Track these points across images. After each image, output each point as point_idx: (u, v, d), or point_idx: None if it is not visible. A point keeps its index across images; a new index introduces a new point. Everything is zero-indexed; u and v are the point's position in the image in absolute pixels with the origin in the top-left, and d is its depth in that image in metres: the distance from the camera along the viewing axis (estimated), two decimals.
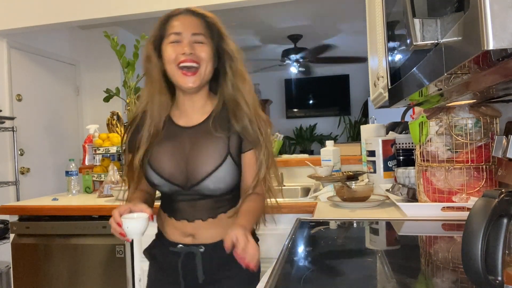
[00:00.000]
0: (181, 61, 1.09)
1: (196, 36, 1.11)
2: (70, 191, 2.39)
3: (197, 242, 1.17)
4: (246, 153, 1.16)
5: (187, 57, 1.08)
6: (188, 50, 1.08)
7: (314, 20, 4.54)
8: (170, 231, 1.20)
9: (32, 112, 3.56)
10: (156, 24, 1.15)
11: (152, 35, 1.16)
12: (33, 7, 2.96)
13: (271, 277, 0.79)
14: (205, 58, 1.11)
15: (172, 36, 1.10)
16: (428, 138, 1.30)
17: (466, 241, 0.51)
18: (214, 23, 1.15)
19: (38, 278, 2.01)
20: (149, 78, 1.17)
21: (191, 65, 1.09)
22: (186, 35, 1.10)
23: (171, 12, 1.15)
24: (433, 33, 0.61)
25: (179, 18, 1.12)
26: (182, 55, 1.08)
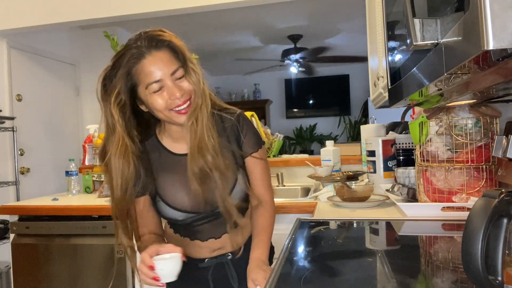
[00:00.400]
0: (176, 106, 1.03)
1: (175, 74, 1.02)
2: (70, 191, 2.39)
3: (224, 251, 1.20)
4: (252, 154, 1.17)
5: (180, 100, 1.02)
6: (179, 93, 1.01)
7: (314, 20, 4.55)
8: (195, 251, 1.19)
9: (32, 112, 3.56)
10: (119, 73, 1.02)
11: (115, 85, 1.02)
12: (33, 7, 2.96)
13: (271, 277, 0.79)
14: (192, 88, 1.05)
15: (153, 86, 1.01)
16: (428, 138, 1.30)
17: (466, 241, 0.51)
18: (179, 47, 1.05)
19: (38, 278, 2.01)
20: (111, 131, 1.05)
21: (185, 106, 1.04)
22: (166, 78, 1.01)
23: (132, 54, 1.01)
24: (433, 33, 0.61)
25: (148, 60, 1.00)
26: (173, 101, 1.02)
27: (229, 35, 4.90)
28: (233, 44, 5.31)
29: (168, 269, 0.97)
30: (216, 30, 4.62)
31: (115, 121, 1.03)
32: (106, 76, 1.05)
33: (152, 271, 0.96)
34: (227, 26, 4.53)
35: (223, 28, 4.58)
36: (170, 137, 1.15)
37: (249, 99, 7.20)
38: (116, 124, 1.03)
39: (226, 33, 4.80)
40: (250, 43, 5.31)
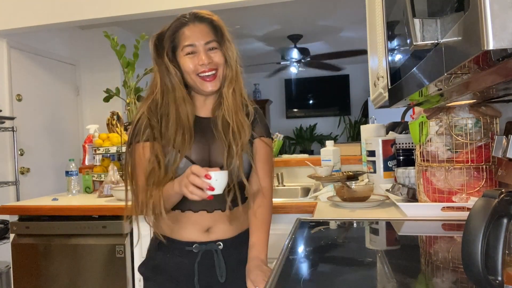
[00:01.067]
0: (201, 71, 1.15)
1: (209, 44, 1.16)
2: (70, 191, 2.39)
3: (214, 238, 1.17)
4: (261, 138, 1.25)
5: (206, 67, 1.15)
6: (206, 60, 1.15)
7: (314, 20, 4.54)
8: (185, 229, 1.17)
9: (32, 112, 3.56)
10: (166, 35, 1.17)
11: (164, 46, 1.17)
12: (33, 7, 2.96)
13: (271, 277, 0.79)
14: (221, 62, 1.18)
15: (187, 49, 1.15)
16: (428, 138, 1.30)
17: (466, 241, 0.51)
18: (220, 26, 1.20)
19: (38, 278, 2.01)
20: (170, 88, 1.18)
21: (210, 74, 1.16)
22: (200, 45, 1.15)
23: (179, 21, 1.18)
24: (433, 33, 0.61)
25: (189, 27, 1.16)
26: (201, 66, 1.15)
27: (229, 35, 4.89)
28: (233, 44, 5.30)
29: (221, 180, 1.02)
30: None
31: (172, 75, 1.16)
32: (157, 39, 1.19)
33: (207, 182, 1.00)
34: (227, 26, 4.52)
35: None
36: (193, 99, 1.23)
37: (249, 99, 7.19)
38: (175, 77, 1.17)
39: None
40: (250, 42, 5.31)
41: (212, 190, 1.01)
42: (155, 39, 1.20)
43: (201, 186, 1.00)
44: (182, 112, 1.16)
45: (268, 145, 1.27)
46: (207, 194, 1.01)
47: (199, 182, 1.00)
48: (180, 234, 1.18)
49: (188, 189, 1.01)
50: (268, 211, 1.23)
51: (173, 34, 1.17)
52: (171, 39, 1.17)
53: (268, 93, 7.27)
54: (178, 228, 1.18)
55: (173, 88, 1.17)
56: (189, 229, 1.17)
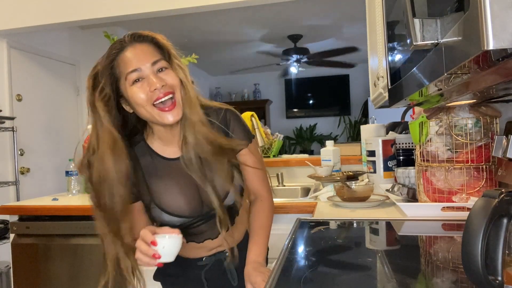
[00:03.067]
0: (156, 98, 0.97)
1: (156, 65, 0.98)
2: (70, 191, 2.39)
3: (222, 249, 1.18)
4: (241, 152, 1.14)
5: (160, 92, 0.96)
6: (159, 83, 0.96)
7: (314, 20, 4.55)
8: (191, 252, 1.18)
9: (32, 112, 3.56)
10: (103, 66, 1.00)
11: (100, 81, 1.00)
12: (33, 7, 2.96)
13: (271, 277, 0.79)
14: (176, 83, 1.00)
15: (132, 75, 0.97)
16: (428, 138, 1.30)
17: (466, 241, 0.51)
18: (164, 44, 1.03)
19: (38, 278, 2.01)
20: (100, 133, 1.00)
21: (168, 98, 0.98)
22: (146, 68, 0.97)
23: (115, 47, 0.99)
24: (433, 33, 0.61)
25: (127, 51, 0.98)
26: (154, 92, 0.96)
27: (229, 35, 4.90)
28: (233, 44, 5.31)
29: (169, 247, 0.93)
30: (216, 30, 4.62)
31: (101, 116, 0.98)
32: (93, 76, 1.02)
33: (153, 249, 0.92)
34: (227, 26, 4.53)
35: (223, 28, 4.58)
36: (159, 140, 1.09)
37: (249, 99, 7.21)
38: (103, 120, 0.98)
39: (226, 33, 4.80)
40: (250, 42, 5.31)
41: (158, 258, 0.93)
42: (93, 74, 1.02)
43: (146, 254, 0.92)
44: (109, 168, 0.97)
45: (254, 149, 1.15)
46: (155, 262, 0.93)
47: (144, 249, 0.92)
48: (188, 255, 1.18)
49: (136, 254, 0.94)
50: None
51: (110, 63, 0.98)
52: (108, 71, 0.99)
53: (268, 93, 7.27)
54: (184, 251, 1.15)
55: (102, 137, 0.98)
56: (196, 251, 1.18)
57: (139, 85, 0.97)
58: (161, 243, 0.92)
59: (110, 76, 0.99)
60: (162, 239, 0.93)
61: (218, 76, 7.38)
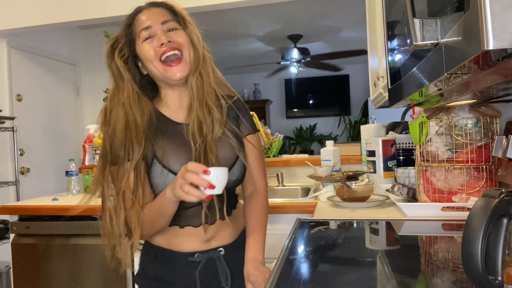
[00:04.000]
0: (162, 52, 1.01)
1: (167, 24, 1.04)
2: (70, 191, 2.39)
3: (215, 245, 1.11)
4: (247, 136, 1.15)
5: (166, 46, 1.01)
6: (165, 39, 1.01)
7: (314, 20, 4.54)
8: (185, 241, 1.09)
9: (32, 112, 3.56)
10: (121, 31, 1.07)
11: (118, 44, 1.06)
12: (33, 7, 2.96)
13: (271, 277, 0.79)
14: (185, 42, 1.04)
15: (143, 33, 1.03)
16: (428, 138, 1.30)
17: (466, 241, 0.51)
18: (179, 10, 1.08)
19: (38, 278, 2.01)
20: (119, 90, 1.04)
21: (173, 53, 1.02)
22: (156, 26, 1.03)
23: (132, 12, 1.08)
24: (433, 33, 0.61)
25: (143, 12, 1.05)
26: (160, 46, 1.01)
27: (229, 35, 4.90)
28: (233, 44, 5.31)
29: (221, 178, 0.90)
30: (216, 30, 4.62)
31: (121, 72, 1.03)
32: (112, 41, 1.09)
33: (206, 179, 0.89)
34: (227, 26, 4.53)
35: (223, 28, 4.58)
36: (167, 106, 1.11)
37: (249, 99, 7.21)
38: (124, 75, 1.03)
39: (226, 33, 4.79)
40: (250, 42, 5.31)
41: (212, 188, 0.89)
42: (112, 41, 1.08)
43: (200, 184, 0.89)
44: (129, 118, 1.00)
45: (257, 142, 1.17)
46: (206, 194, 0.90)
47: (197, 180, 0.89)
48: (180, 247, 1.09)
49: (183, 189, 0.90)
50: (265, 212, 1.18)
51: (128, 27, 1.06)
52: (126, 32, 1.06)
53: (268, 93, 7.27)
54: (177, 242, 1.09)
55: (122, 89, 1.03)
56: (190, 241, 1.09)
57: (149, 41, 1.03)
58: (214, 172, 0.89)
59: (127, 38, 1.06)
60: (215, 169, 0.90)
61: None
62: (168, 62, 1.02)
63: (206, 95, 1.06)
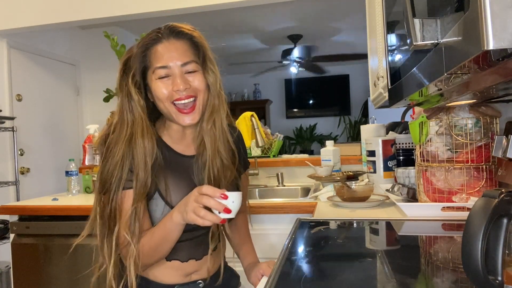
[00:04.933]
0: (176, 99, 0.97)
1: (186, 66, 0.98)
2: (70, 191, 2.39)
3: (195, 278, 1.09)
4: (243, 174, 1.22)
5: (182, 94, 0.96)
6: (183, 86, 0.96)
7: (314, 20, 4.55)
8: (167, 275, 1.05)
9: (32, 112, 3.56)
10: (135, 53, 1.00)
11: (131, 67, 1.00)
12: (33, 7, 2.96)
13: (271, 277, 0.79)
14: (201, 88, 0.99)
15: (160, 71, 0.97)
16: (428, 138, 1.30)
17: (466, 241, 0.51)
18: (202, 44, 1.02)
19: (38, 278, 2.01)
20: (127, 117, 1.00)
21: (188, 102, 0.98)
22: (175, 67, 0.97)
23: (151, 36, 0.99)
24: (433, 33, 0.61)
25: (163, 45, 0.97)
26: (176, 92, 0.96)
27: (229, 35, 4.90)
28: (233, 44, 5.31)
29: (237, 202, 0.88)
30: (216, 30, 4.62)
31: (135, 102, 0.98)
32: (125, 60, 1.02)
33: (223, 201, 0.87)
34: (227, 26, 4.53)
35: (223, 28, 4.58)
36: (169, 136, 1.08)
37: (249, 99, 7.21)
38: (137, 105, 0.98)
39: (226, 33, 4.79)
40: (250, 43, 5.31)
41: (228, 213, 0.88)
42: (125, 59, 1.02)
43: (216, 209, 0.87)
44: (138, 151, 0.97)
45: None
46: (221, 218, 0.88)
47: (214, 204, 0.87)
48: (160, 278, 1.06)
49: (199, 213, 0.87)
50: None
51: (143, 52, 0.98)
52: (140, 59, 0.99)
53: (268, 93, 7.27)
54: (159, 272, 1.05)
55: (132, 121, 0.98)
56: (172, 275, 1.06)
57: (165, 81, 0.97)
58: (231, 196, 0.88)
59: (140, 64, 0.99)
60: (232, 193, 0.88)
61: None
62: (181, 107, 0.98)
63: (219, 141, 1.04)
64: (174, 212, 0.95)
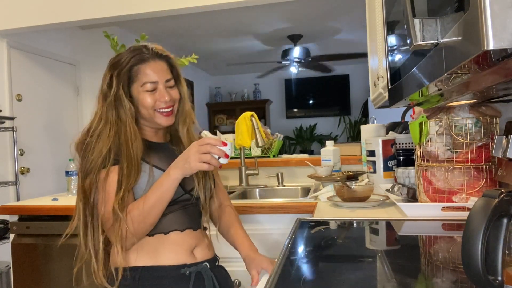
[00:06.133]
0: (161, 108, 1.18)
1: (168, 82, 1.20)
2: (70, 191, 2.39)
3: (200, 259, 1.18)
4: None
5: (167, 103, 1.19)
6: (168, 97, 1.18)
7: (314, 20, 4.55)
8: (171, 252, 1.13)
9: (32, 112, 3.56)
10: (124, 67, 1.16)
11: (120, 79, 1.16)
12: (33, 7, 2.96)
13: (271, 277, 0.79)
14: (177, 98, 1.24)
15: (148, 85, 1.17)
16: (428, 138, 1.30)
17: (466, 241, 0.51)
18: (175, 64, 1.26)
19: (38, 278, 2.01)
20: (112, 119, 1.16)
21: (168, 110, 1.20)
22: (160, 83, 1.18)
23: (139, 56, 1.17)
24: (433, 33, 0.61)
25: (150, 64, 1.17)
26: (162, 102, 1.18)
27: (229, 35, 4.90)
28: (233, 44, 5.31)
29: (231, 150, 1.05)
30: (216, 30, 4.62)
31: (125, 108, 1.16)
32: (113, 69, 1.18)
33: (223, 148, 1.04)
34: (227, 26, 4.53)
35: (223, 28, 4.58)
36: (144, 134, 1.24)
37: (249, 99, 7.21)
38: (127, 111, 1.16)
39: (226, 33, 4.80)
40: (250, 43, 5.31)
41: (227, 158, 1.05)
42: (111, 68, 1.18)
43: (219, 154, 1.04)
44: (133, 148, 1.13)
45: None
46: (220, 163, 1.05)
47: (217, 150, 1.04)
48: (167, 259, 1.11)
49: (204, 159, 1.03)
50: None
51: (131, 68, 1.17)
52: (128, 74, 1.17)
53: (268, 93, 7.27)
54: (163, 253, 1.12)
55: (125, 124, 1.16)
56: (176, 251, 1.13)
57: (151, 94, 1.18)
58: (229, 144, 1.04)
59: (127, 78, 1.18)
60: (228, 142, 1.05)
61: (218, 76, 7.38)
62: (162, 112, 1.20)
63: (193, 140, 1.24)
64: (170, 169, 1.08)
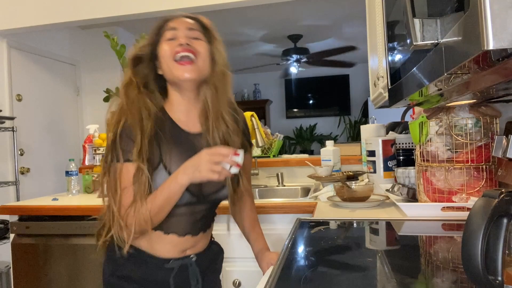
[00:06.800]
0: (177, 51, 1.02)
1: (192, 32, 1.05)
2: (70, 191, 2.39)
3: (189, 253, 1.13)
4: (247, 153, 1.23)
5: (183, 47, 1.02)
6: (185, 41, 1.02)
7: (314, 20, 4.54)
8: (165, 249, 1.10)
9: (32, 112, 3.56)
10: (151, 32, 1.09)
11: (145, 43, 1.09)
12: (33, 7, 2.96)
13: (271, 277, 0.79)
14: (202, 52, 1.05)
15: (168, 33, 1.04)
16: (428, 138, 1.30)
17: (466, 241, 0.51)
18: (209, 25, 1.11)
19: (38, 278, 2.01)
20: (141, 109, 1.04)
21: (186, 55, 1.02)
22: (181, 30, 1.04)
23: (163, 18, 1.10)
24: (433, 33, 0.61)
25: (173, 20, 1.08)
26: (179, 46, 1.02)
27: (229, 35, 4.90)
28: (233, 44, 5.31)
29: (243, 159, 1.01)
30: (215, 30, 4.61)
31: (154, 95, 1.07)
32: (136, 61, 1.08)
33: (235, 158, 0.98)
34: (227, 26, 4.53)
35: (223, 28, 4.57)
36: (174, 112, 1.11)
37: (249, 99, 7.20)
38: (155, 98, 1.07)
39: (226, 33, 4.79)
40: (250, 43, 5.31)
41: (239, 167, 1.00)
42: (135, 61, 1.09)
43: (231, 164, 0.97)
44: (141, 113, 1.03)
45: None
46: (231, 173, 1.00)
47: (229, 161, 0.97)
48: (158, 252, 1.10)
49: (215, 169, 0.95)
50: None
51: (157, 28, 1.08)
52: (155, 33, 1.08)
53: (268, 93, 7.27)
54: (157, 247, 1.10)
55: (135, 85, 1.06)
56: (169, 249, 1.10)
57: (170, 42, 1.04)
58: (240, 154, 0.99)
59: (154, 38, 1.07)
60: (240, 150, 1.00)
61: None
62: (180, 61, 1.03)
63: (222, 109, 1.09)
64: (178, 174, 0.99)
